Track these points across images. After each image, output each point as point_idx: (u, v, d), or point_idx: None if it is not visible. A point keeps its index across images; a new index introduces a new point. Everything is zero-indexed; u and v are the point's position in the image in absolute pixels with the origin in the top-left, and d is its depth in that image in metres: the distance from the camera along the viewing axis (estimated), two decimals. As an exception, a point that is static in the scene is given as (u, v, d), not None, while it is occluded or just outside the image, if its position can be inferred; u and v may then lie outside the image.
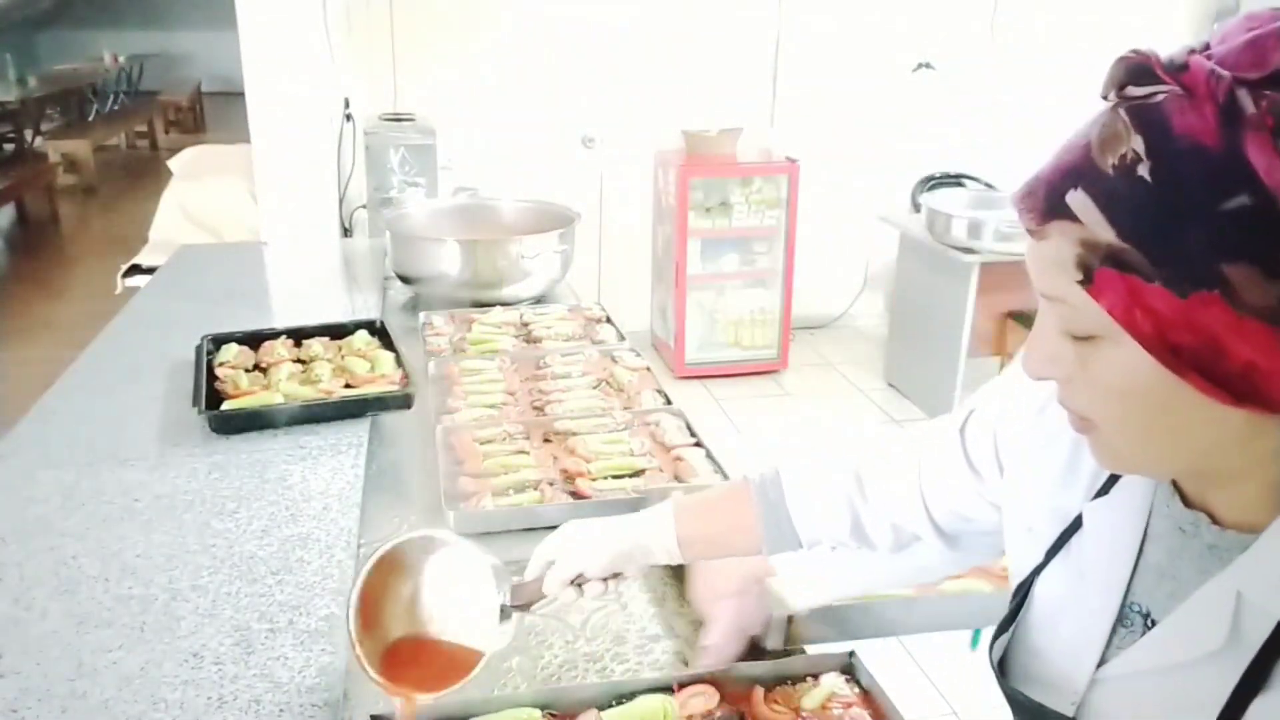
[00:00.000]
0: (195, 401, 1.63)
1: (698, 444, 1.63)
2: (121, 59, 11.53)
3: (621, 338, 2.16)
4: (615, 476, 1.52)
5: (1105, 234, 0.58)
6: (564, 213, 2.57)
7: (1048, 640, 0.79)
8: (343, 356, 1.86)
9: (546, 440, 1.65)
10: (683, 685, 1.03)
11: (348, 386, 1.73)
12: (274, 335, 1.93)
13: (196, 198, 3.06)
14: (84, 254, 6.95)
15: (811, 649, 1.16)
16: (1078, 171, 0.59)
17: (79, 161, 8.73)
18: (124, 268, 2.88)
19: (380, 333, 1.96)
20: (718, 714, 1.01)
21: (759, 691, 1.03)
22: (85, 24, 12.97)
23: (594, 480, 1.51)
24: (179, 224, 3.04)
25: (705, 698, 1.02)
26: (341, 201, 3.04)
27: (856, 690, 1.05)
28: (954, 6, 5.03)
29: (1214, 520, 0.67)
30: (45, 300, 5.79)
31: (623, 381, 1.89)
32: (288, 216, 2.88)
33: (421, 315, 2.24)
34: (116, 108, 10.62)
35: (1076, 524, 0.77)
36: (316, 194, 2.88)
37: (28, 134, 8.64)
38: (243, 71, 2.74)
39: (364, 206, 3.20)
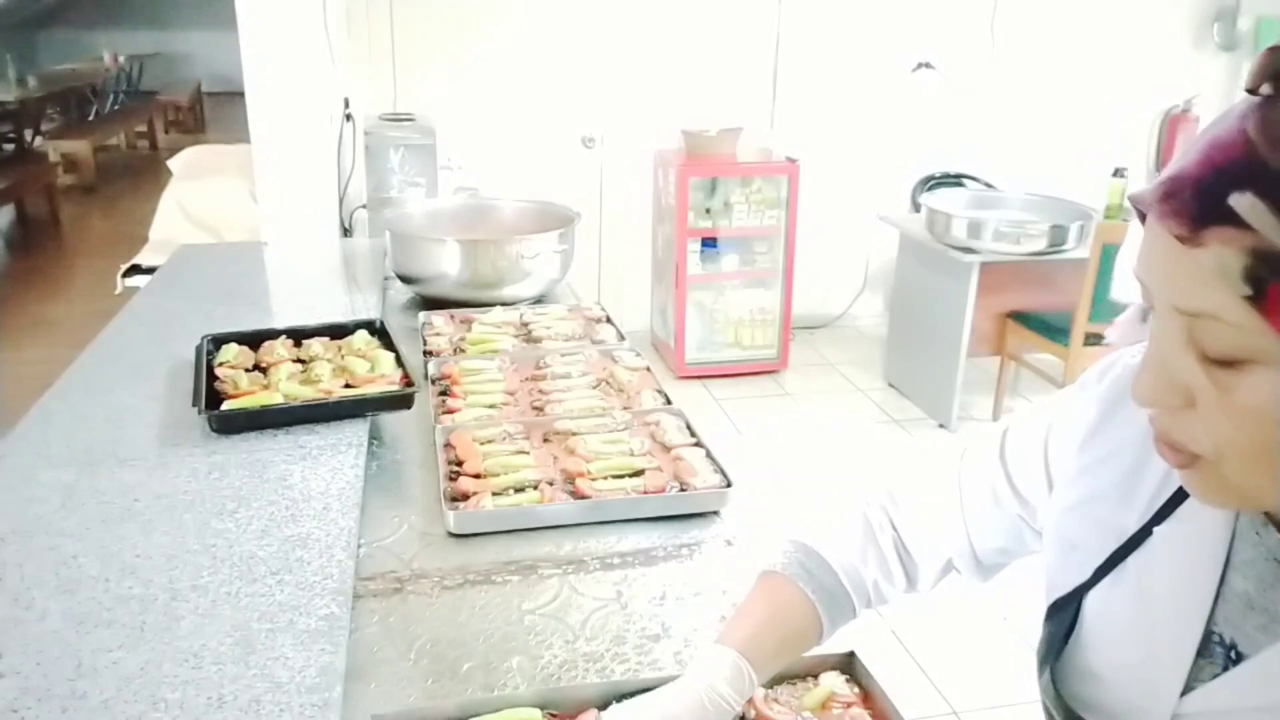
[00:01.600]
0: (195, 401, 1.63)
1: (698, 444, 1.63)
2: (121, 59, 11.53)
3: (621, 338, 2.16)
4: (615, 476, 1.52)
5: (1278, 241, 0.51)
6: (564, 213, 2.57)
7: (1110, 664, 0.74)
8: (343, 356, 1.86)
9: (546, 440, 1.65)
10: None
11: (348, 386, 1.73)
12: (274, 335, 1.93)
13: (196, 198, 3.06)
14: (84, 254, 6.95)
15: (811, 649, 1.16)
16: (1242, 170, 0.52)
17: (79, 161, 8.73)
18: (124, 268, 2.88)
19: (380, 333, 1.96)
20: None
21: (759, 691, 1.03)
22: (85, 24, 12.97)
23: (594, 480, 1.51)
24: (179, 224, 3.04)
25: None
26: (341, 201, 3.04)
27: (856, 690, 1.06)
28: (954, 6, 5.03)
29: None
30: (45, 300, 5.79)
31: (623, 381, 1.89)
32: (288, 216, 2.88)
33: (421, 315, 2.24)
34: (116, 108, 10.61)
35: (1133, 543, 0.73)
36: (316, 194, 2.88)
37: (28, 134, 8.64)
38: (243, 71, 2.74)
39: (364, 206, 3.20)
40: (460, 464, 1.54)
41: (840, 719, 1.01)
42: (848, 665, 1.08)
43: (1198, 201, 0.53)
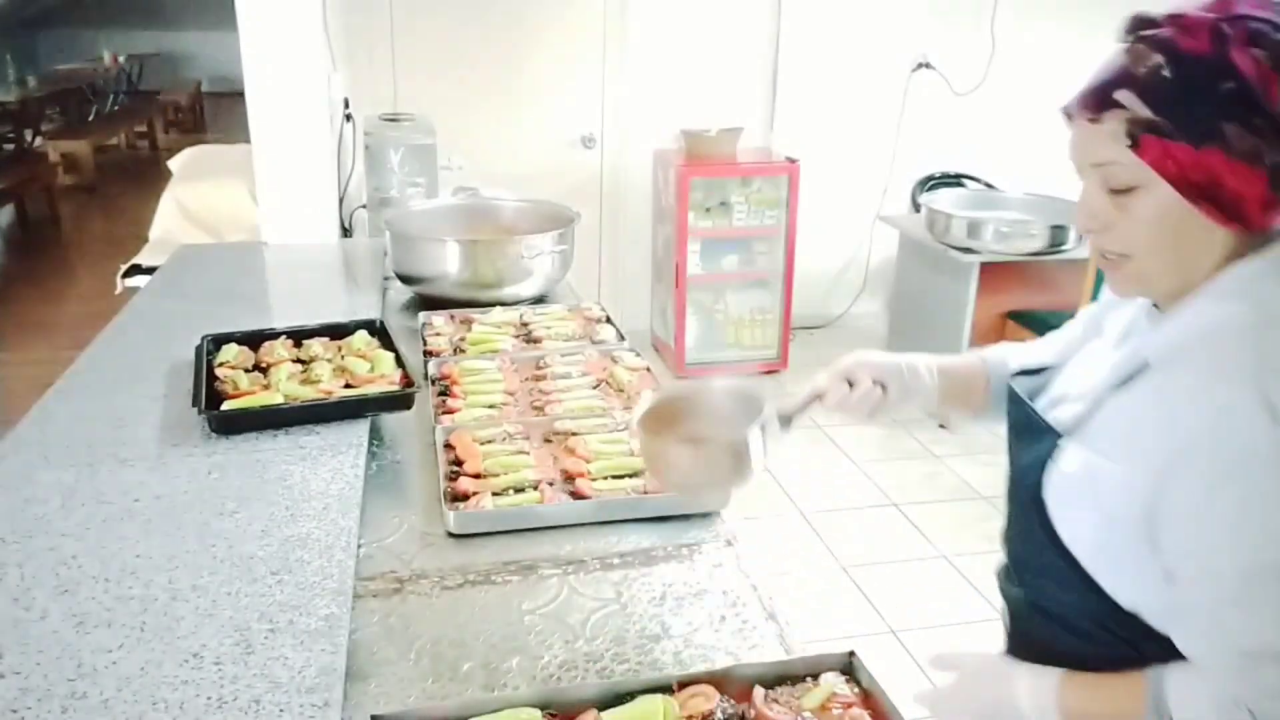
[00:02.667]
0: (195, 401, 1.63)
1: (698, 444, 1.63)
2: (121, 59, 11.53)
3: (621, 338, 2.16)
4: (615, 476, 1.52)
5: (1144, 113, 0.88)
6: (564, 213, 2.57)
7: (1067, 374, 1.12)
8: (343, 356, 1.86)
9: (546, 440, 1.65)
10: (683, 685, 1.03)
11: (348, 386, 1.73)
12: (274, 335, 1.93)
13: (196, 198, 3.06)
14: (84, 254, 6.95)
15: (811, 649, 1.16)
16: (1120, 79, 0.91)
17: (79, 161, 8.73)
18: (124, 268, 2.88)
19: (380, 333, 1.96)
20: (719, 713, 1.01)
21: (759, 691, 1.04)
22: (85, 24, 12.97)
23: (594, 480, 1.51)
24: (179, 224, 3.04)
25: (705, 698, 1.02)
26: (341, 201, 3.04)
27: (856, 690, 1.06)
28: (954, 6, 5.03)
29: None
30: (45, 300, 5.80)
31: (623, 381, 1.89)
32: (288, 216, 2.87)
33: (421, 315, 2.24)
34: (116, 108, 10.62)
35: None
36: (316, 194, 2.88)
37: (28, 134, 8.64)
38: (243, 71, 2.73)
39: (364, 206, 3.19)
40: (460, 464, 1.54)
41: (840, 719, 1.01)
42: (848, 665, 1.08)
43: (1099, 98, 0.93)
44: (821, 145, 4.95)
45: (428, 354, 2.03)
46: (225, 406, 1.62)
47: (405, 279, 2.50)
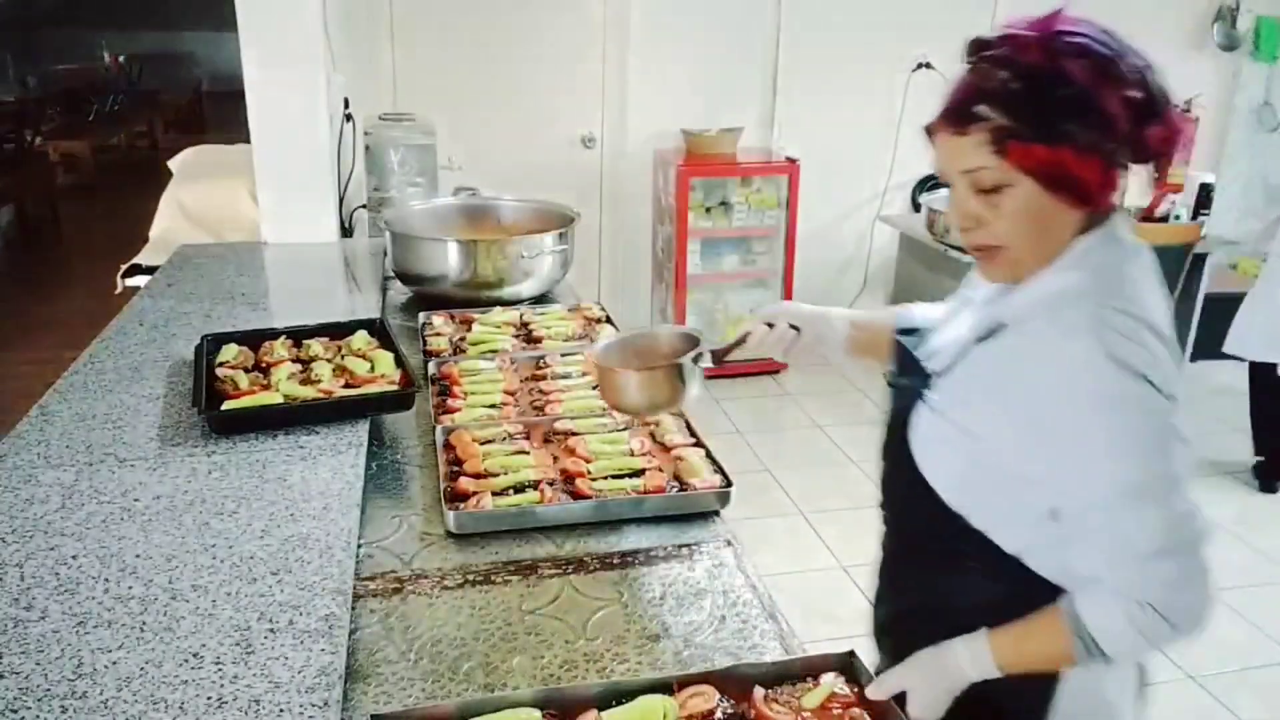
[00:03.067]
0: (195, 401, 1.63)
1: (698, 444, 1.63)
2: (121, 59, 11.53)
3: (621, 338, 2.16)
4: (615, 476, 1.52)
5: (1004, 122, 1.01)
6: (564, 213, 2.57)
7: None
8: (343, 356, 1.86)
9: (546, 440, 1.65)
10: (682, 685, 1.04)
11: (348, 386, 1.73)
12: (274, 335, 1.93)
13: (196, 198, 3.05)
14: (84, 254, 6.95)
15: (811, 649, 1.16)
16: (976, 95, 1.04)
17: (79, 161, 8.73)
18: (124, 268, 2.87)
19: (380, 333, 1.96)
20: (719, 713, 1.02)
21: (759, 691, 1.04)
22: (85, 24, 12.96)
23: (594, 480, 1.51)
24: (179, 224, 3.03)
25: (705, 698, 1.03)
26: (341, 201, 3.04)
27: (855, 690, 1.07)
28: (954, 6, 5.02)
29: None
30: (45, 300, 5.80)
31: (623, 381, 1.89)
32: (288, 216, 2.87)
33: (421, 315, 2.24)
34: (116, 108, 10.60)
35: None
36: (316, 194, 2.88)
37: (28, 134, 8.64)
38: (243, 71, 2.73)
39: (364, 206, 3.19)
40: (460, 464, 1.54)
41: (840, 719, 1.02)
42: (847, 665, 1.10)
43: (961, 114, 1.05)
44: (821, 145, 4.95)
45: (428, 354, 2.03)
46: (225, 406, 1.62)
47: (405, 279, 2.50)
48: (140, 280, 2.70)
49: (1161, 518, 1.00)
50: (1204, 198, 4.39)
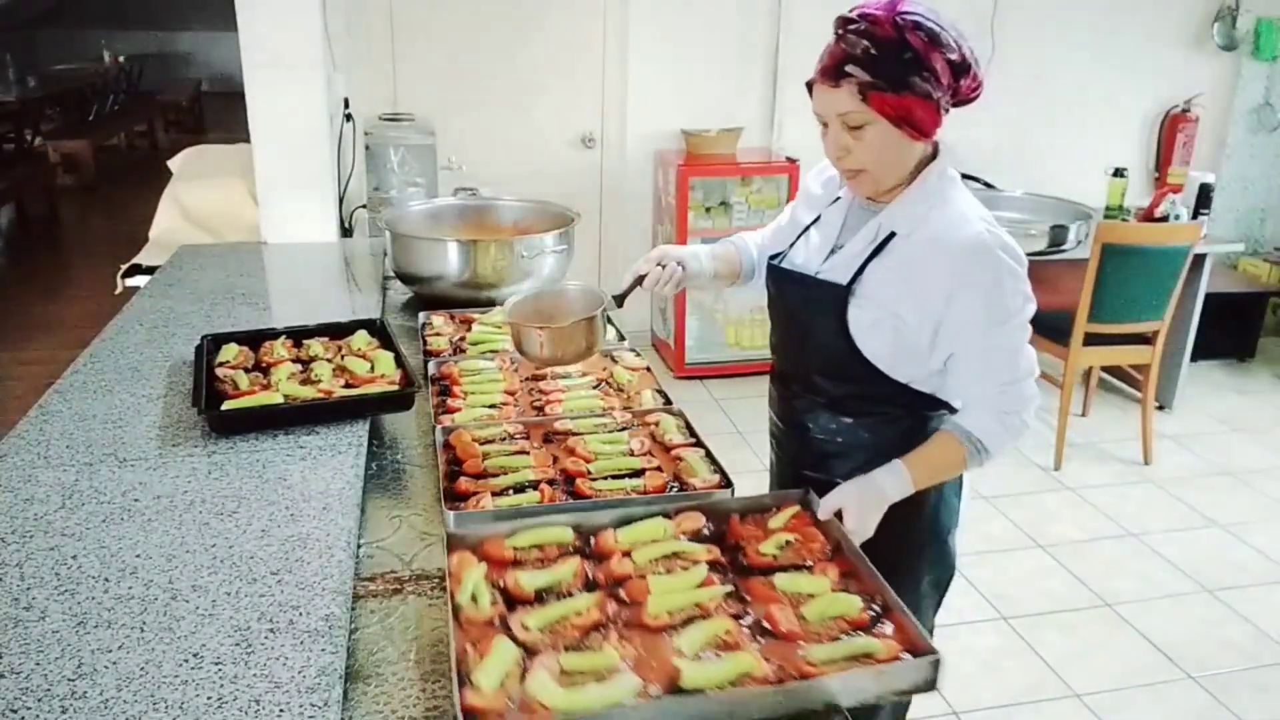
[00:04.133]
0: (195, 401, 1.63)
1: (698, 444, 1.63)
2: (121, 59, 11.52)
3: (621, 338, 2.16)
4: (615, 476, 1.52)
5: (866, 78, 1.36)
6: (564, 213, 2.57)
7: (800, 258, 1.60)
8: (343, 356, 1.86)
9: (546, 440, 1.65)
10: (677, 513, 1.36)
11: (348, 386, 1.73)
12: (274, 335, 1.93)
13: (196, 198, 3.05)
14: (84, 254, 6.95)
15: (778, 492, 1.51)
16: (846, 59, 1.38)
17: (79, 161, 8.72)
18: (124, 268, 2.88)
19: (380, 333, 1.96)
20: (705, 530, 1.33)
21: (735, 516, 1.37)
22: (85, 24, 12.97)
23: (593, 480, 1.51)
24: (179, 224, 3.03)
25: (693, 519, 1.35)
26: (341, 201, 3.04)
27: (808, 515, 1.37)
28: (954, 6, 5.02)
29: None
30: (45, 300, 5.79)
31: (623, 381, 1.89)
32: (288, 216, 2.88)
33: (421, 315, 2.24)
34: (116, 108, 10.60)
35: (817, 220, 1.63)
36: (316, 194, 2.88)
37: (28, 134, 8.63)
38: (243, 71, 2.73)
39: (364, 206, 3.20)
40: (460, 464, 1.54)
41: (794, 530, 1.33)
42: (805, 500, 1.41)
43: (835, 73, 1.38)
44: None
45: (428, 354, 2.03)
46: (225, 406, 1.62)
47: (405, 279, 2.50)
48: (140, 280, 2.70)
49: (1020, 358, 1.44)
50: (1204, 198, 4.39)
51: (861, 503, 1.38)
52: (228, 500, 1.38)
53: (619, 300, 1.63)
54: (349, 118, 3.11)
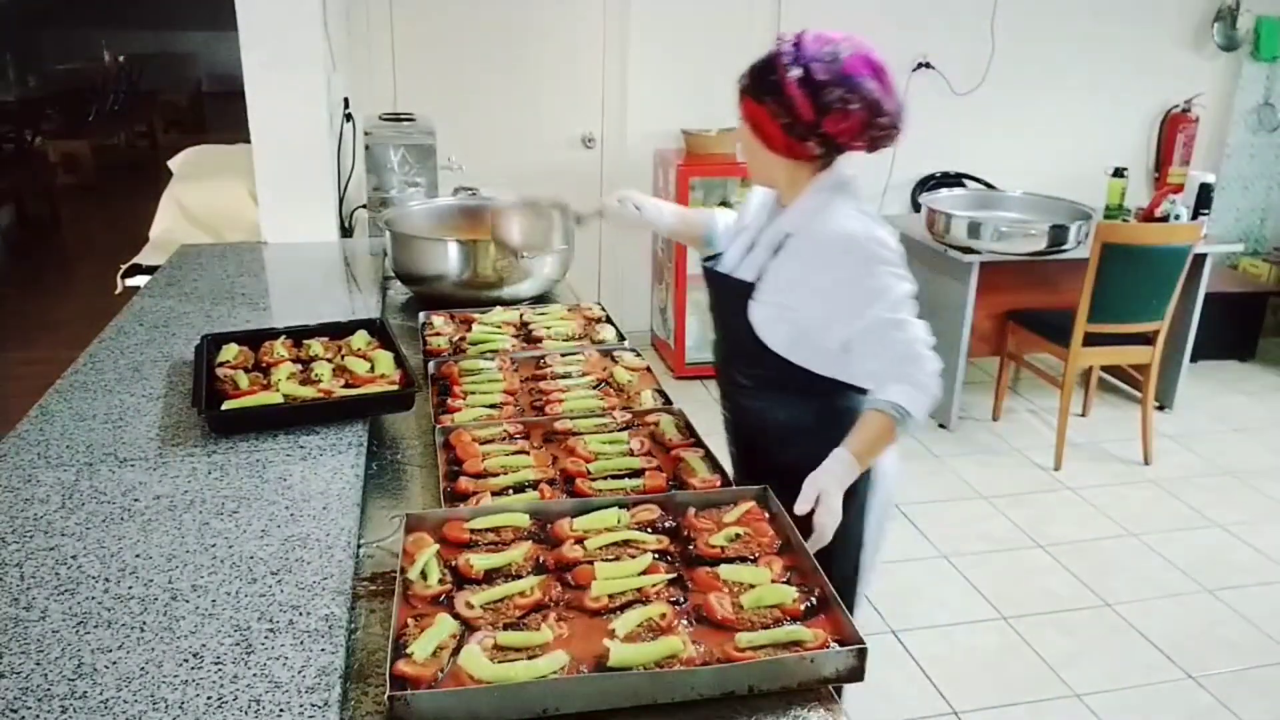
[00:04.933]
0: (195, 401, 1.63)
1: (697, 444, 1.63)
2: (121, 59, 11.52)
3: (621, 338, 2.16)
4: (615, 476, 1.52)
5: (746, 82, 1.62)
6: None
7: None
8: (343, 356, 1.86)
9: (547, 440, 1.65)
10: (635, 505, 1.39)
11: (348, 386, 1.73)
12: (274, 335, 1.93)
13: (196, 198, 3.05)
14: (84, 254, 6.95)
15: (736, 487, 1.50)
16: (744, 90, 1.63)
17: (79, 161, 8.72)
18: (124, 268, 2.88)
19: (380, 333, 1.96)
20: (660, 523, 1.35)
21: (692, 509, 1.39)
22: (85, 24, 12.94)
23: (593, 480, 1.51)
24: (179, 224, 3.03)
25: (650, 511, 1.37)
26: (341, 201, 3.04)
27: (766, 514, 1.39)
28: (954, 6, 5.03)
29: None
30: (45, 300, 5.79)
31: (623, 381, 1.89)
32: (288, 216, 2.88)
33: (421, 315, 2.24)
34: (116, 108, 10.60)
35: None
36: (316, 194, 2.88)
37: (28, 134, 8.63)
38: (243, 71, 2.73)
39: (364, 206, 3.19)
40: (460, 464, 1.54)
41: (745, 525, 1.35)
42: (761, 496, 1.43)
43: (741, 75, 1.64)
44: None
45: (428, 354, 2.03)
46: (225, 406, 1.62)
47: (405, 279, 2.50)
48: (140, 280, 2.70)
49: (914, 332, 1.58)
50: (1204, 198, 4.39)
51: (828, 490, 1.46)
52: (228, 500, 1.38)
53: (579, 218, 2.03)
54: (349, 118, 3.11)
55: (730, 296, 1.72)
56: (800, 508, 1.43)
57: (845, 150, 1.64)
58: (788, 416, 1.72)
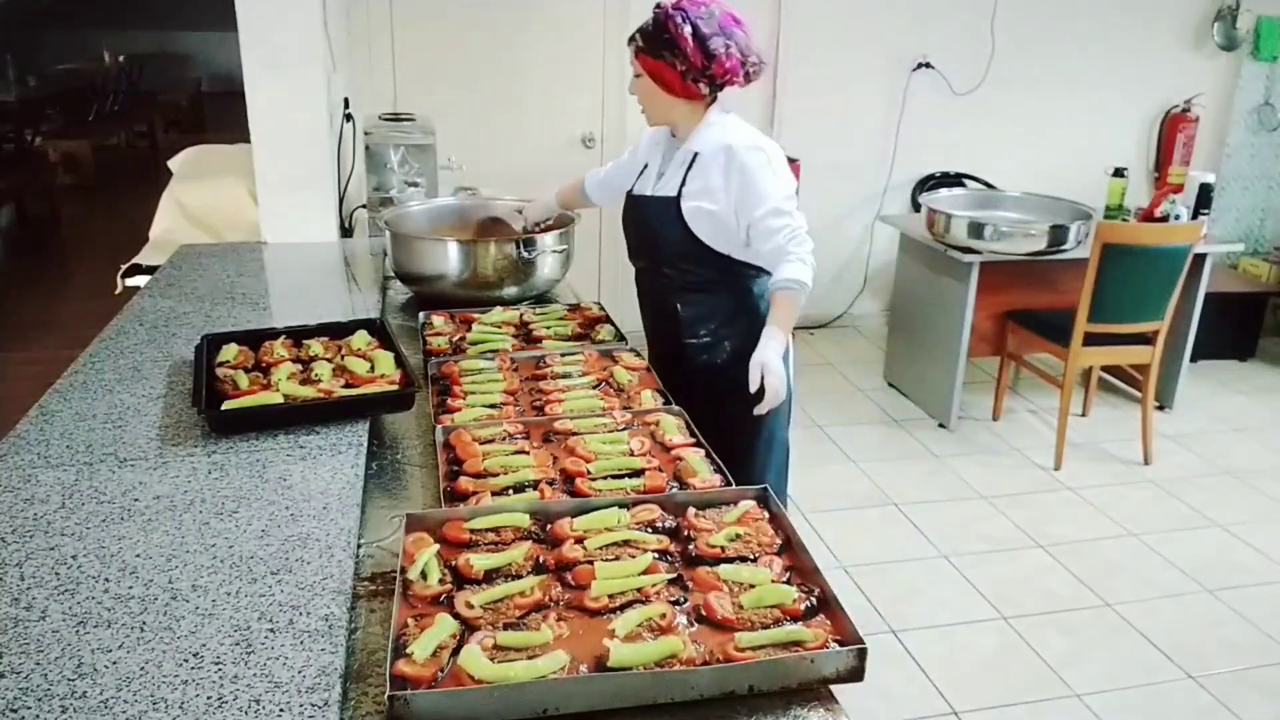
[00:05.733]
0: (195, 401, 1.63)
1: (698, 444, 1.63)
2: (121, 59, 11.52)
3: (621, 338, 2.16)
4: (615, 476, 1.52)
5: (640, 43, 2.06)
6: (564, 213, 2.57)
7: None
8: (343, 356, 1.86)
9: (546, 440, 1.65)
10: (635, 505, 1.39)
11: (348, 386, 1.73)
12: (274, 335, 1.93)
13: (196, 198, 3.05)
14: (84, 254, 6.95)
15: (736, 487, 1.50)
16: (638, 31, 2.07)
17: (79, 161, 8.72)
18: (124, 268, 2.88)
19: (380, 333, 1.96)
20: (660, 522, 1.36)
21: (691, 509, 1.39)
22: (85, 24, 12.95)
23: (593, 480, 1.51)
24: (179, 224, 3.03)
25: (650, 511, 1.38)
26: (341, 201, 3.04)
27: (766, 514, 1.39)
28: (954, 6, 5.03)
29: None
30: (45, 300, 5.79)
31: (623, 381, 1.89)
32: (288, 216, 2.88)
33: (421, 315, 2.24)
34: (116, 108, 10.59)
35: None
36: (316, 194, 2.88)
37: (28, 134, 8.63)
38: (243, 71, 2.73)
39: (364, 206, 3.20)
40: (460, 464, 1.54)
41: (745, 523, 1.35)
42: (762, 496, 1.43)
43: (631, 37, 2.09)
44: (821, 145, 4.95)
45: (428, 354, 2.03)
46: (225, 406, 1.62)
47: (405, 279, 2.50)
48: (140, 280, 2.70)
49: (791, 217, 2.02)
50: (1204, 198, 4.39)
51: (766, 363, 1.90)
52: (228, 500, 1.38)
53: (528, 246, 2.37)
54: (349, 118, 3.11)
55: (659, 210, 2.13)
56: (753, 384, 1.89)
57: (726, 87, 2.08)
58: (715, 301, 2.16)
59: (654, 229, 2.16)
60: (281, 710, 0.98)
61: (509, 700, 1.02)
